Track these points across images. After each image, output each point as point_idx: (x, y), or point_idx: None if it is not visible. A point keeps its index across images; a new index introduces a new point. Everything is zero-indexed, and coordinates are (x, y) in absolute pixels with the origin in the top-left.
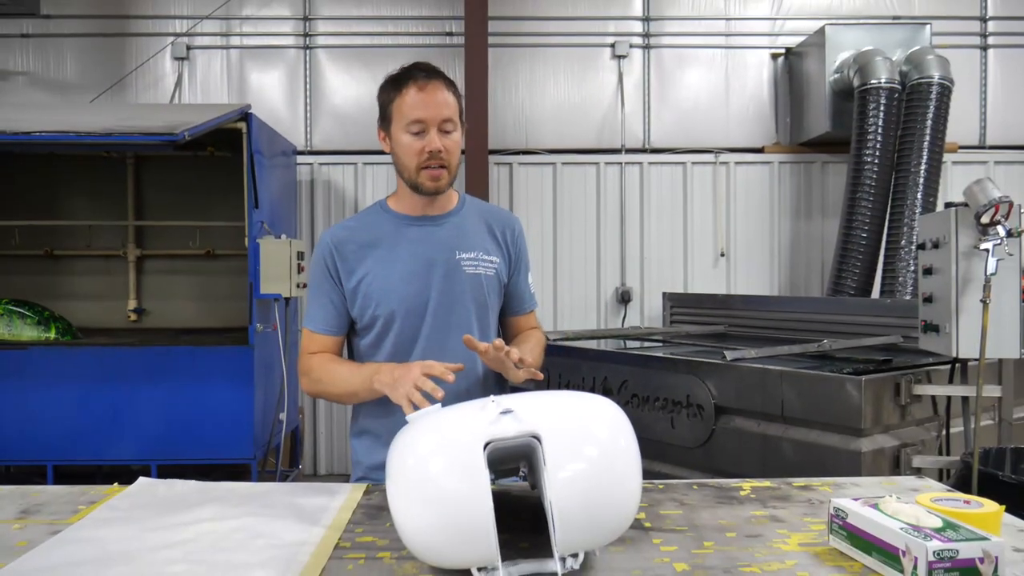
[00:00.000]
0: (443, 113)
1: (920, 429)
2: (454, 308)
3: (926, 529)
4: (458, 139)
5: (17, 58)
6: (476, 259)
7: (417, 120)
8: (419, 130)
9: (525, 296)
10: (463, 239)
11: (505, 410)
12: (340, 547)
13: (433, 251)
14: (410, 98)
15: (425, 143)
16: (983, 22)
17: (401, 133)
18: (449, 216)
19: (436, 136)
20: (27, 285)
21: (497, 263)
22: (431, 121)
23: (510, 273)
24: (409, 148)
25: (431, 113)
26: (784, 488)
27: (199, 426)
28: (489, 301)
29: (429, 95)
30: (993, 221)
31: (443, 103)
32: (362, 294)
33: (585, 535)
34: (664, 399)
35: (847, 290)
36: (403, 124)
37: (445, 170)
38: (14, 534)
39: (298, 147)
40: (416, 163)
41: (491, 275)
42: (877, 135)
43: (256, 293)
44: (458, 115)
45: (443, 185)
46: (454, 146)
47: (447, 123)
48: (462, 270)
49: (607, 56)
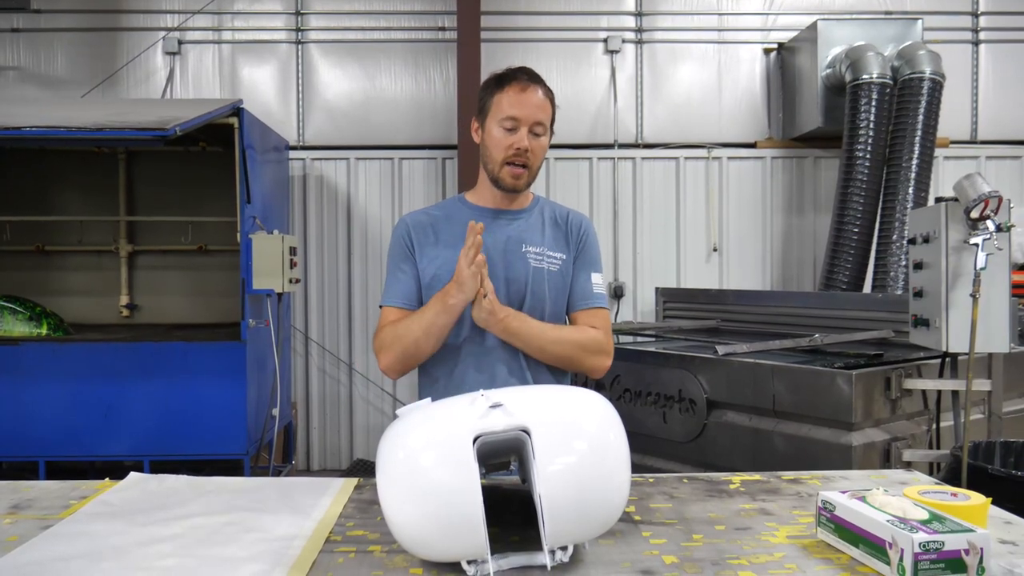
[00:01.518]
0: (537, 116)
1: (911, 423)
2: (515, 297)
3: (912, 521)
4: (545, 144)
5: (8, 53)
6: (541, 253)
7: (512, 117)
8: (512, 126)
9: (586, 292)
10: (532, 234)
11: (495, 404)
12: (331, 541)
13: (501, 242)
14: (510, 96)
15: (514, 140)
16: (975, 17)
17: (494, 126)
18: (522, 212)
19: (526, 135)
20: (19, 281)
21: (563, 260)
22: (524, 120)
23: (574, 269)
24: (499, 142)
25: (526, 113)
26: (773, 481)
27: (192, 422)
28: (549, 295)
29: (528, 96)
30: (983, 216)
31: (539, 106)
32: (430, 276)
33: (574, 528)
34: (656, 394)
35: (839, 285)
36: (498, 119)
37: (526, 170)
38: (5, 529)
39: (290, 142)
40: (502, 157)
41: (555, 271)
42: (869, 130)
43: (248, 289)
44: (550, 123)
45: (522, 184)
46: (540, 149)
47: (538, 126)
48: (527, 261)
49: (600, 51)
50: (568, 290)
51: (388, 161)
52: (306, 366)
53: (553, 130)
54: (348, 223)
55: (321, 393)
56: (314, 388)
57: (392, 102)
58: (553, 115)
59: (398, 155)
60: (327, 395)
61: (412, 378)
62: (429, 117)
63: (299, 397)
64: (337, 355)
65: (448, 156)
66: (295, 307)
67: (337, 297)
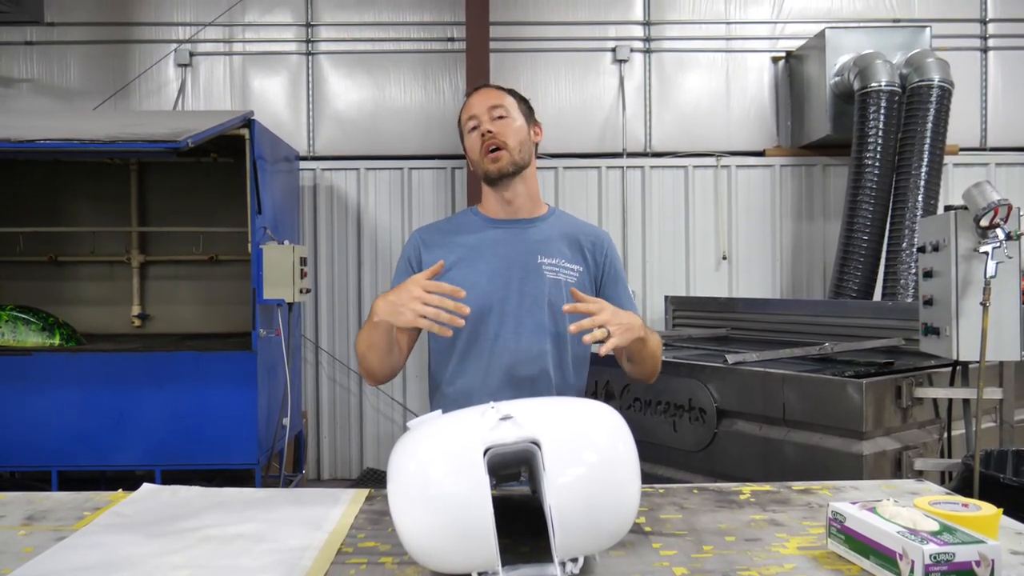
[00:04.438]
0: (490, 102)
1: (921, 432)
2: (531, 309)
3: (923, 532)
4: (516, 126)
5: (21, 65)
6: (557, 265)
7: (471, 116)
8: (474, 124)
9: (627, 307)
10: (546, 244)
11: (505, 416)
12: (342, 552)
13: (515, 253)
14: (467, 105)
15: (478, 133)
16: (983, 24)
17: (467, 135)
18: (535, 221)
19: (487, 120)
20: (31, 291)
21: (580, 271)
22: (480, 112)
23: (597, 286)
24: (472, 143)
25: (480, 108)
26: (784, 492)
27: (203, 431)
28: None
29: (479, 95)
30: (992, 224)
31: (491, 96)
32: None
33: (585, 540)
34: (666, 403)
35: (849, 293)
36: (466, 128)
37: (503, 151)
38: (20, 540)
39: (301, 153)
40: (478, 152)
41: (572, 282)
42: (878, 138)
43: (259, 298)
44: (515, 109)
45: (504, 166)
46: (510, 129)
47: (496, 108)
48: (542, 273)
49: (608, 60)
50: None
51: (397, 171)
52: (316, 375)
53: (537, 121)
54: (358, 232)
55: (331, 402)
56: (324, 397)
57: (401, 112)
58: (524, 109)
59: (407, 165)
60: (337, 404)
61: (422, 387)
62: (438, 127)
63: (309, 406)
64: (347, 364)
65: (457, 166)
66: (305, 316)
67: (347, 306)
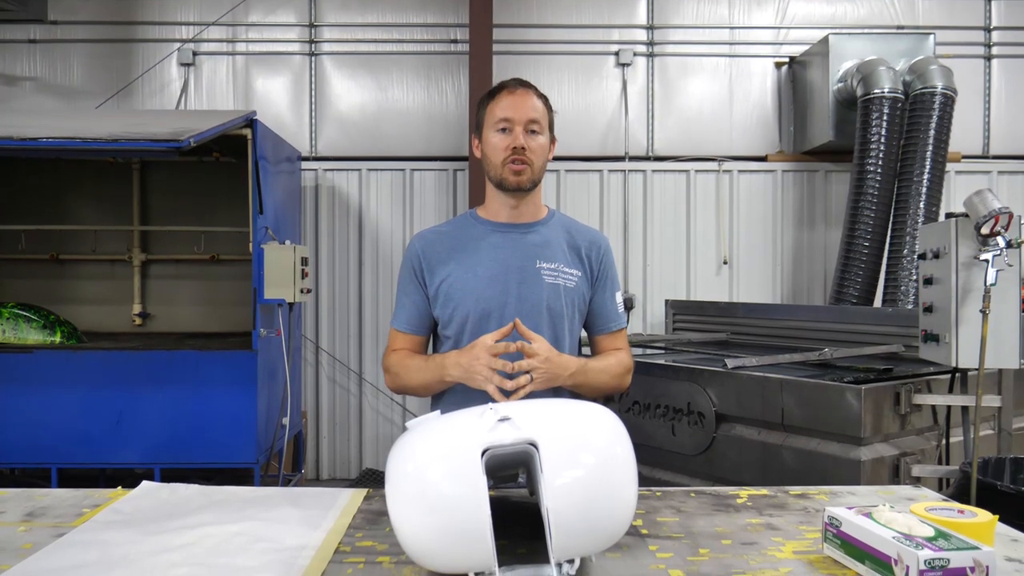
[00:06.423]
0: (529, 114)
1: (920, 438)
2: (530, 314)
3: (918, 538)
4: (543, 143)
5: (24, 64)
6: (556, 270)
7: (505, 119)
8: (506, 127)
9: (611, 315)
10: (545, 249)
11: (503, 417)
12: (340, 551)
13: (514, 257)
14: (501, 102)
15: (510, 140)
16: (987, 32)
17: (490, 133)
18: (534, 226)
19: (521, 134)
20: (33, 289)
21: (579, 276)
22: (517, 120)
23: (593, 291)
24: (496, 146)
25: (518, 114)
26: (780, 496)
27: (202, 430)
28: (566, 311)
29: (518, 98)
30: (993, 232)
31: (531, 106)
32: (444, 295)
33: (581, 541)
34: (665, 407)
35: (849, 299)
36: (492, 124)
37: (527, 167)
38: (20, 536)
39: (303, 153)
40: (502, 159)
41: (571, 287)
42: (880, 144)
43: (260, 298)
44: (546, 123)
45: (525, 181)
46: (538, 147)
47: (533, 124)
48: (541, 278)
49: (611, 64)
50: (585, 306)
51: (399, 172)
52: (316, 376)
53: (554, 136)
54: (359, 233)
55: (331, 403)
56: (324, 398)
57: (404, 114)
58: (551, 120)
59: (409, 166)
60: (337, 405)
61: None
62: (441, 129)
63: (309, 406)
64: (347, 365)
65: (459, 168)
66: (306, 317)
67: (348, 307)
